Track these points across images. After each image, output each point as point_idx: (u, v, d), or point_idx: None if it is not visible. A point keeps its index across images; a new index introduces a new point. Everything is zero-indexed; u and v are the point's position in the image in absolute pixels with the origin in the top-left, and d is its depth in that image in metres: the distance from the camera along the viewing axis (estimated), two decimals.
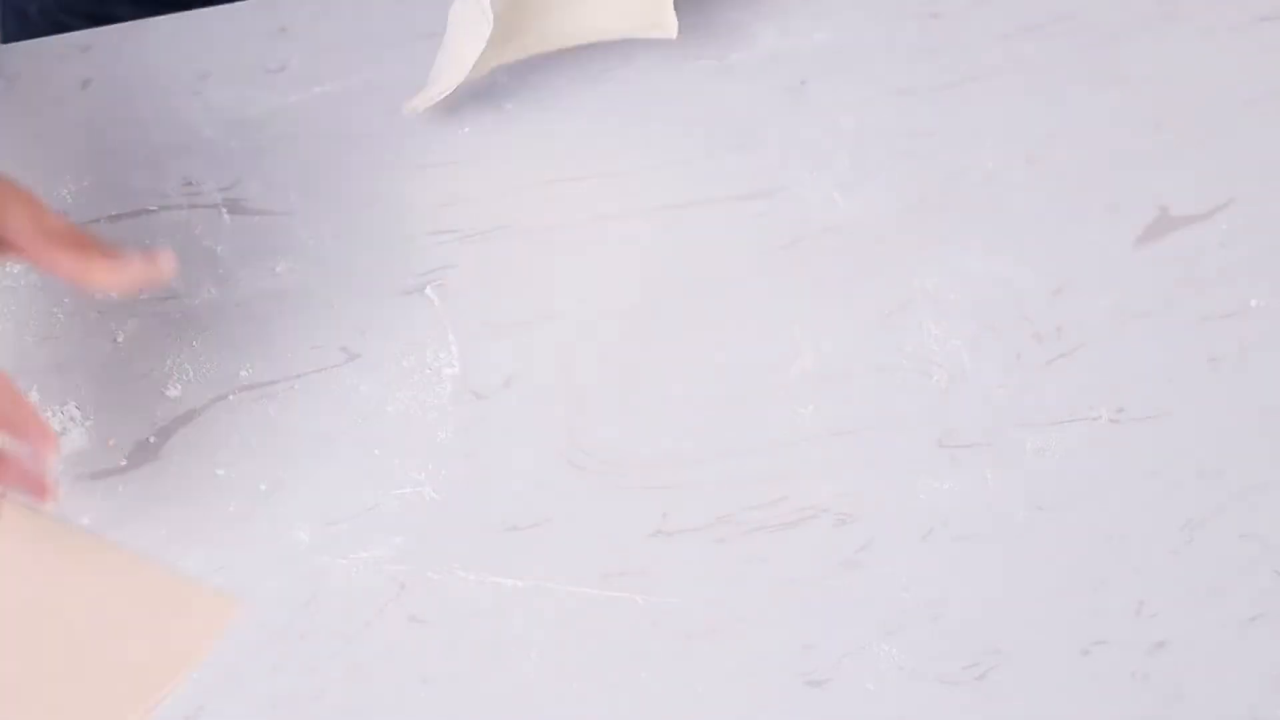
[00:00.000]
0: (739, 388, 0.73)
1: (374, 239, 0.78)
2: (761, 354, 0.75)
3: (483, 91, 0.84)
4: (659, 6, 0.79)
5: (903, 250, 0.78)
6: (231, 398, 0.73)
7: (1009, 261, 0.77)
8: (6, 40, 0.87)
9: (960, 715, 0.65)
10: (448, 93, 0.79)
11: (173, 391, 0.73)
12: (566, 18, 0.80)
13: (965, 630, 0.67)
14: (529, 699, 0.65)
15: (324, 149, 0.81)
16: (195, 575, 0.68)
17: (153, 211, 0.79)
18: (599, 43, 0.81)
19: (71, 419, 0.72)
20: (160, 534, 0.69)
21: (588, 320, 0.76)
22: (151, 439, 0.71)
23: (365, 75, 0.84)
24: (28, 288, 0.76)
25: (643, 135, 0.82)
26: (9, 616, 0.65)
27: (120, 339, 0.75)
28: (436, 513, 0.69)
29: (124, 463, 0.71)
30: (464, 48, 0.77)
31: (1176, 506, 0.70)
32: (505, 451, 0.71)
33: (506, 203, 0.80)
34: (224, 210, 0.79)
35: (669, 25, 0.79)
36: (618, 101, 0.84)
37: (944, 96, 0.83)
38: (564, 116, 0.83)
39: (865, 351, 0.75)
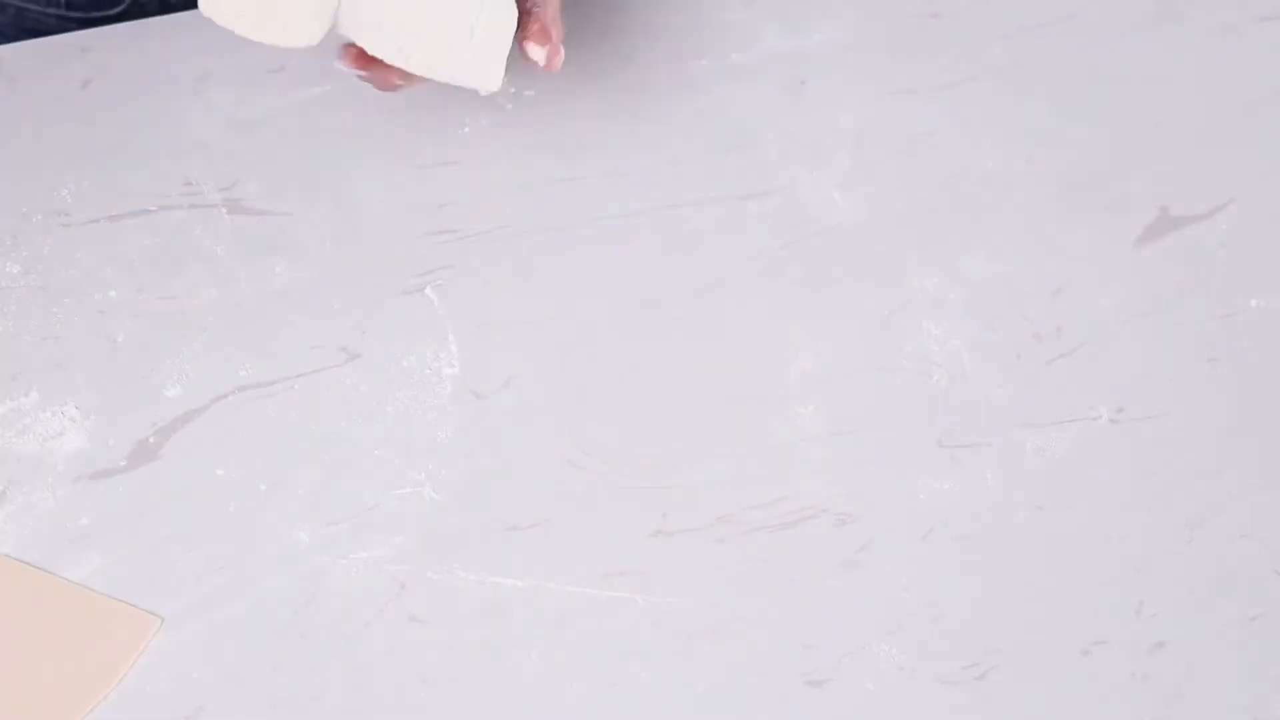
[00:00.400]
0: (739, 387, 0.73)
1: (374, 239, 0.78)
2: (761, 354, 0.75)
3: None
4: (487, 60, 0.73)
5: (903, 250, 0.78)
6: (231, 398, 0.73)
7: (1009, 261, 0.77)
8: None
9: (960, 715, 0.65)
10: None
11: (173, 391, 0.73)
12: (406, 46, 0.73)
13: (965, 630, 0.67)
14: (529, 699, 0.65)
15: (324, 149, 0.82)
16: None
17: (153, 211, 0.79)
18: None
19: (71, 419, 0.72)
20: (160, 534, 0.69)
21: (588, 320, 0.76)
22: (151, 439, 0.71)
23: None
24: (27, 288, 0.76)
25: (643, 135, 0.82)
26: None
27: (120, 339, 0.75)
28: (436, 513, 0.69)
29: (124, 463, 0.71)
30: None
31: (1176, 506, 0.70)
32: (505, 451, 0.71)
33: (506, 203, 0.80)
34: (224, 210, 0.79)
35: (493, 79, 0.74)
36: (618, 101, 0.84)
37: (944, 96, 0.83)
38: (564, 116, 0.83)
39: (865, 351, 0.75)
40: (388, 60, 0.72)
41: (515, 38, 0.73)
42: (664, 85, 0.84)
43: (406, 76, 0.73)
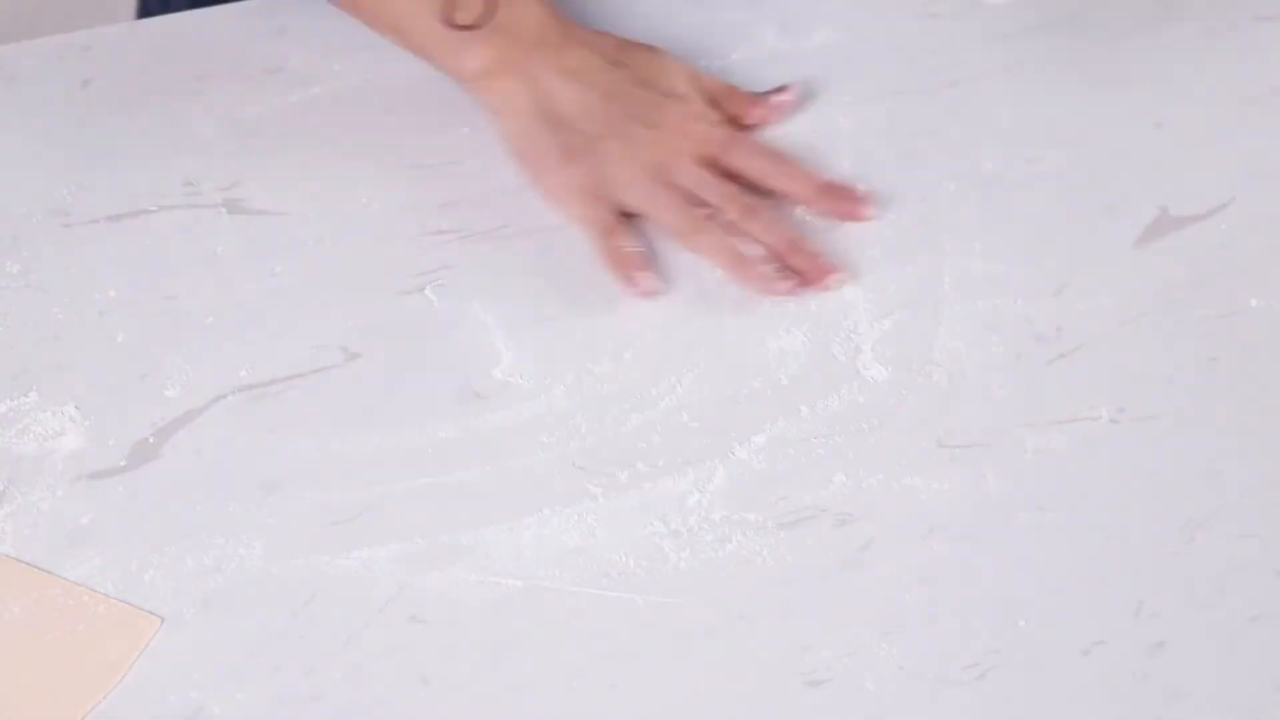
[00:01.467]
0: (739, 387, 0.73)
1: (374, 239, 0.78)
2: (761, 354, 0.75)
3: None
4: None
5: (903, 250, 0.78)
6: (231, 398, 0.73)
7: (1009, 261, 0.77)
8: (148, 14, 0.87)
9: (960, 715, 0.65)
10: None
11: (172, 391, 0.73)
12: None
13: (965, 630, 0.66)
14: (529, 699, 0.65)
15: (324, 149, 0.82)
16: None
17: (153, 211, 0.79)
18: None
19: (71, 419, 0.72)
20: (160, 534, 0.69)
21: (588, 320, 0.76)
22: (151, 439, 0.71)
23: (365, 75, 0.84)
24: (27, 288, 0.76)
25: None
26: None
27: (120, 339, 0.75)
28: (436, 513, 0.69)
29: (124, 463, 0.71)
30: None
31: (1176, 506, 0.70)
32: (505, 451, 0.71)
33: (506, 203, 0.80)
34: (224, 210, 0.79)
35: None
36: None
37: (944, 96, 0.83)
38: None
39: (865, 351, 0.74)
40: None
41: None
42: None
43: None
